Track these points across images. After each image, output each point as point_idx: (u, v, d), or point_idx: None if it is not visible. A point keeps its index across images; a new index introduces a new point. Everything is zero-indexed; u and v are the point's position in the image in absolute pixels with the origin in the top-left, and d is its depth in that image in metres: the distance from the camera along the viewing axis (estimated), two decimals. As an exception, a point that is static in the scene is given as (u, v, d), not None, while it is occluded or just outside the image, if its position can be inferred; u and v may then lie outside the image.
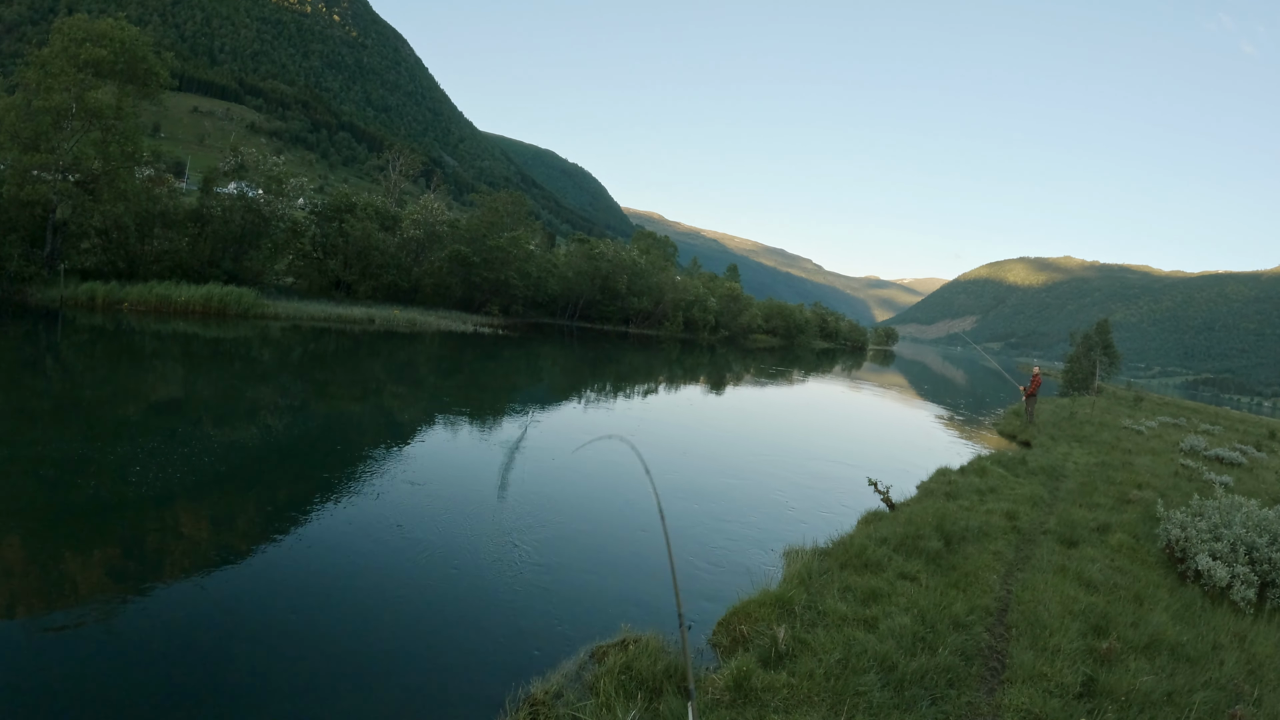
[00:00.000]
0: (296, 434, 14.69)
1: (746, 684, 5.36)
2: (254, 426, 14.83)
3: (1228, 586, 8.66)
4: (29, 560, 7.30)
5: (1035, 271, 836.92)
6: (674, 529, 10.59)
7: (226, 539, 8.44)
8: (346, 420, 17.13)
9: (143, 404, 16.26)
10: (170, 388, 18.16)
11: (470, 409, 20.15)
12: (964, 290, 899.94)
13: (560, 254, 79.66)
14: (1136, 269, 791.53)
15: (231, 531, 8.72)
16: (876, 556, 8.49)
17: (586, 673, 5.76)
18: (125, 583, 6.98)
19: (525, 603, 7.41)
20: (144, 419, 14.64)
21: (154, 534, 8.44)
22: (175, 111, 57.17)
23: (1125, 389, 77.89)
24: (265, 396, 18.32)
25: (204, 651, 5.89)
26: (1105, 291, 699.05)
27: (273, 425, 15.19)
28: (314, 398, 19.26)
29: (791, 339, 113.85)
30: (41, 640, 5.78)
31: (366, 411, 18.49)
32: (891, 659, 5.85)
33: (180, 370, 20.72)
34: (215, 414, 15.76)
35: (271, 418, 15.94)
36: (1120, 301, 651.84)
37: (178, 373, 20.24)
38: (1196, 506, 10.87)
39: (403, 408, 19.84)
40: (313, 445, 13.95)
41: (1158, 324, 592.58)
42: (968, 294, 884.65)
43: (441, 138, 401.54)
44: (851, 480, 15.44)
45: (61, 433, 12.59)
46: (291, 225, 46.00)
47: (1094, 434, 26.18)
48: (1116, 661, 6.30)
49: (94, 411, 14.85)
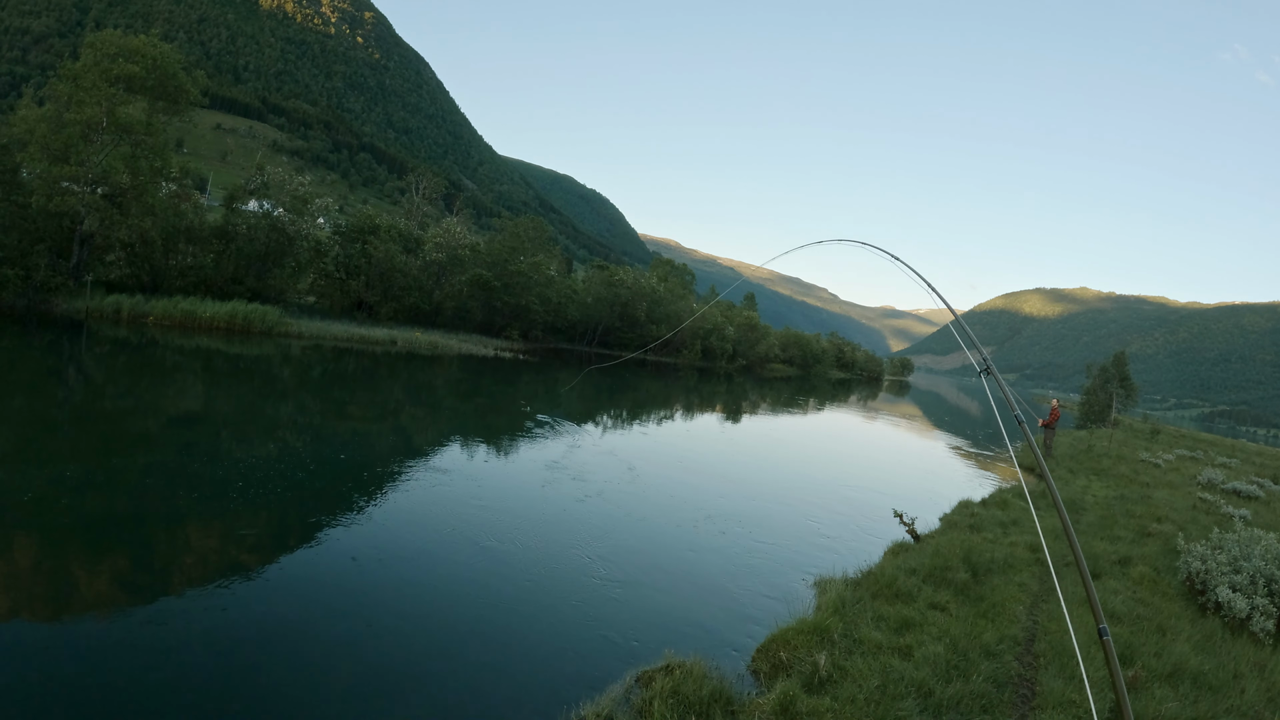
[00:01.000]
0: (339, 451, 15.00)
1: (792, 708, 5.61)
2: (298, 442, 15.16)
3: (1247, 618, 8.85)
4: (64, 568, 7.56)
5: (1050, 303, 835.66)
6: (709, 552, 10.86)
7: (264, 553, 8.68)
8: (389, 438, 17.45)
9: (186, 418, 16.58)
10: (221, 403, 18.52)
11: (508, 431, 20.45)
12: (979, 321, 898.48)
13: (579, 280, 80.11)
14: (1152, 300, 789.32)
15: (272, 547, 8.94)
16: (907, 587, 8.75)
17: (634, 696, 5.99)
18: (167, 591, 7.24)
19: (565, 624, 7.67)
20: (189, 432, 14.97)
21: (208, 545, 8.71)
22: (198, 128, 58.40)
23: (1142, 421, 77.59)
24: (308, 415, 18.69)
25: (244, 659, 6.15)
26: (1121, 323, 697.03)
27: (316, 443, 15.51)
28: (355, 417, 19.58)
29: (808, 369, 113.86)
30: (82, 645, 6.01)
31: (410, 430, 18.84)
32: (928, 685, 6.12)
33: (216, 387, 21.10)
34: (265, 429, 16.10)
35: (313, 436, 16.29)
36: (1136, 333, 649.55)
37: (216, 389, 20.63)
38: (1216, 539, 11.06)
39: (448, 428, 20.23)
40: (354, 461, 14.24)
41: (1174, 355, 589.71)
42: (983, 325, 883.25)
43: (461, 161, 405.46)
44: (875, 508, 15.75)
45: (88, 443, 12.99)
46: (315, 245, 46.59)
47: (1112, 467, 26.27)
48: (1142, 689, 6.53)
49: (123, 423, 15.24)
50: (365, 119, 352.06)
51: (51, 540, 8.18)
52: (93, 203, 33.64)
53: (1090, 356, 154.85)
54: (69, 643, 6.01)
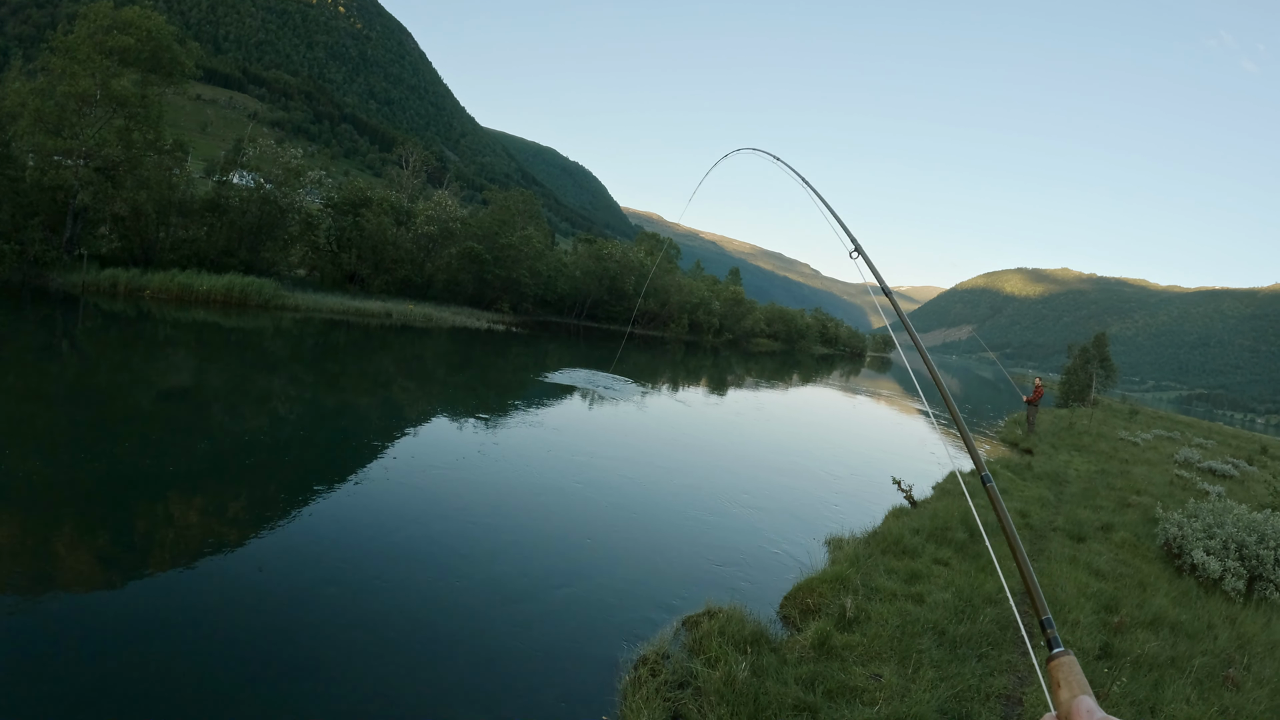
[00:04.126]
0: (386, 421, 15.55)
1: (828, 642, 6.45)
2: (319, 413, 15.72)
3: (1220, 578, 9.70)
4: (51, 543, 7.52)
5: (1031, 283, 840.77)
6: (719, 519, 11.63)
7: (285, 525, 8.96)
8: (421, 406, 18.07)
9: (196, 391, 16.94)
10: (238, 376, 18.93)
11: (517, 402, 21.05)
12: (961, 299, 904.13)
13: (566, 253, 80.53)
14: (1133, 283, 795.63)
15: (296, 516, 9.30)
16: (913, 544, 9.58)
17: (682, 637, 6.71)
18: (159, 566, 7.23)
19: (607, 583, 8.37)
20: (201, 406, 15.37)
21: (202, 518, 9.03)
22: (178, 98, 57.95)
23: (1121, 402, 79.07)
24: (323, 385, 19.24)
25: (248, 633, 6.21)
26: (1101, 304, 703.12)
27: (334, 413, 16.09)
28: (366, 386, 20.11)
29: (793, 344, 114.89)
30: (69, 620, 6.03)
31: (434, 398, 19.42)
32: (941, 625, 6.97)
33: (229, 360, 21.51)
34: (289, 402, 16.55)
35: (329, 407, 16.86)
36: (1116, 315, 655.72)
37: (229, 362, 21.04)
38: (1192, 509, 11.97)
39: (464, 396, 20.81)
40: (394, 430, 14.79)
41: (1153, 338, 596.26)
42: (964, 303, 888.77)
43: (444, 133, 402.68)
44: (870, 477, 16.72)
45: (84, 417, 13.09)
46: (306, 218, 46.84)
47: (1092, 444, 27.27)
48: (1127, 633, 7.38)
49: (120, 397, 15.37)
50: (347, 90, 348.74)
51: (40, 515, 8.14)
52: (86, 176, 33.65)
53: (1070, 337, 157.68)
54: (55, 617, 6.01)
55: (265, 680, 5.58)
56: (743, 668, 5.60)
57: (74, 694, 5.10)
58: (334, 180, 53.52)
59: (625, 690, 5.75)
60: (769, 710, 5.25)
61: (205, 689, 5.37)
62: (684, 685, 5.71)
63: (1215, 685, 6.49)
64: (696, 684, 5.66)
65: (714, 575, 8.99)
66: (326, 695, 5.51)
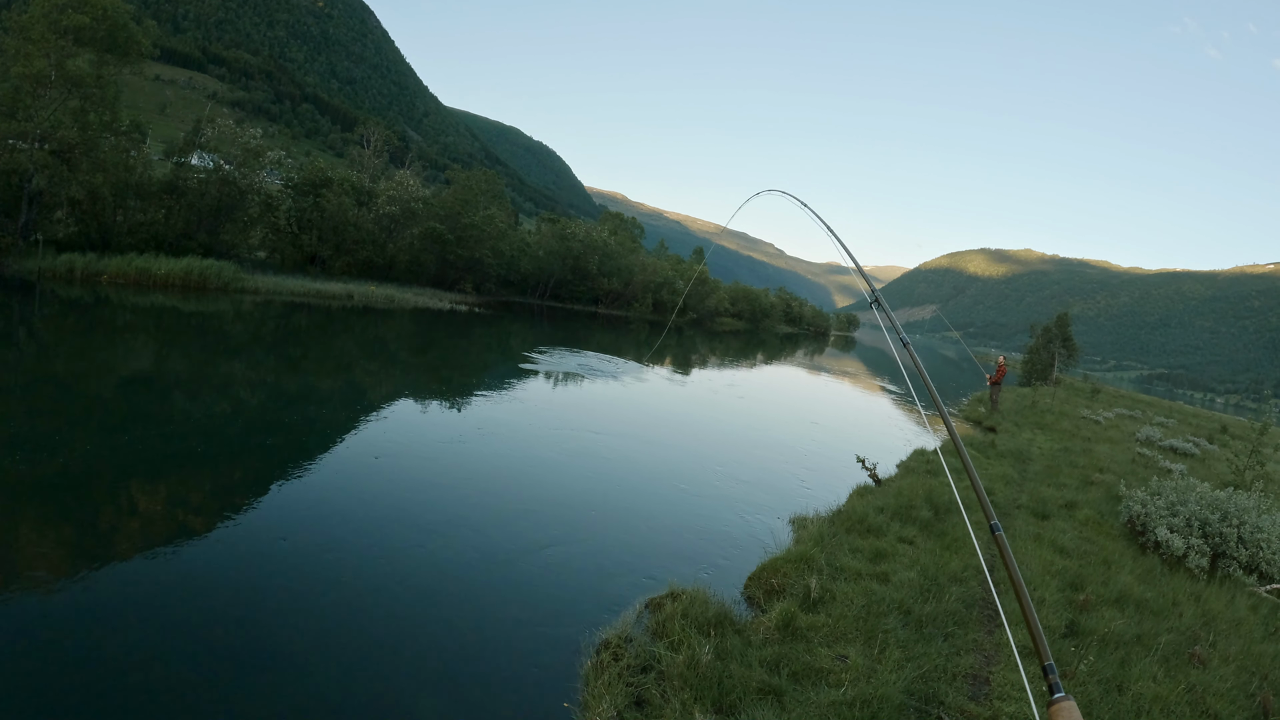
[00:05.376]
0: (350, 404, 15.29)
1: (793, 623, 6.35)
2: (281, 397, 15.44)
3: (1184, 556, 9.76)
4: (8, 533, 7.27)
5: (994, 263, 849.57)
6: (684, 498, 11.53)
7: (240, 513, 8.74)
8: (383, 388, 17.76)
9: (146, 378, 16.62)
10: (191, 361, 18.56)
11: (481, 384, 20.82)
12: (924, 279, 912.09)
13: (529, 232, 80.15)
14: (1095, 264, 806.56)
15: (253, 505, 9.13)
16: (877, 523, 9.54)
17: (645, 620, 6.60)
18: (120, 555, 7.07)
19: (569, 564, 8.24)
20: (152, 393, 15.10)
21: (162, 507, 8.83)
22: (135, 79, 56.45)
23: (1083, 381, 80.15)
24: (285, 369, 18.90)
25: (207, 624, 6.03)
26: (1064, 285, 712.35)
27: (296, 398, 15.80)
28: (328, 369, 19.78)
29: (757, 323, 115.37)
30: (27, 612, 5.86)
31: (396, 380, 19.10)
32: (907, 604, 6.89)
33: (183, 345, 21.10)
34: (251, 387, 16.26)
35: (291, 391, 16.56)
36: (1078, 295, 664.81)
37: (184, 347, 20.64)
38: (1155, 486, 12.06)
39: (426, 378, 20.53)
40: (359, 413, 14.56)
41: (1115, 319, 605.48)
42: (928, 283, 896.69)
43: (406, 112, 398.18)
44: (834, 456, 16.74)
45: (40, 405, 12.88)
46: (266, 199, 45.98)
47: (1055, 422, 27.54)
48: (1092, 610, 7.37)
49: (76, 385, 15.00)
50: (308, 69, 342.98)
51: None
52: (41, 160, 32.64)
53: (1033, 317, 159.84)
54: (15, 611, 5.86)
55: (226, 669, 5.45)
56: (706, 651, 5.49)
57: (38, 686, 4.97)
58: (294, 161, 52.73)
59: (587, 675, 5.64)
60: (734, 694, 5.15)
61: (166, 677, 5.25)
62: (647, 669, 5.59)
63: (1181, 662, 6.49)
64: (660, 668, 5.54)
65: (677, 555, 8.90)
66: (287, 682, 5.39)
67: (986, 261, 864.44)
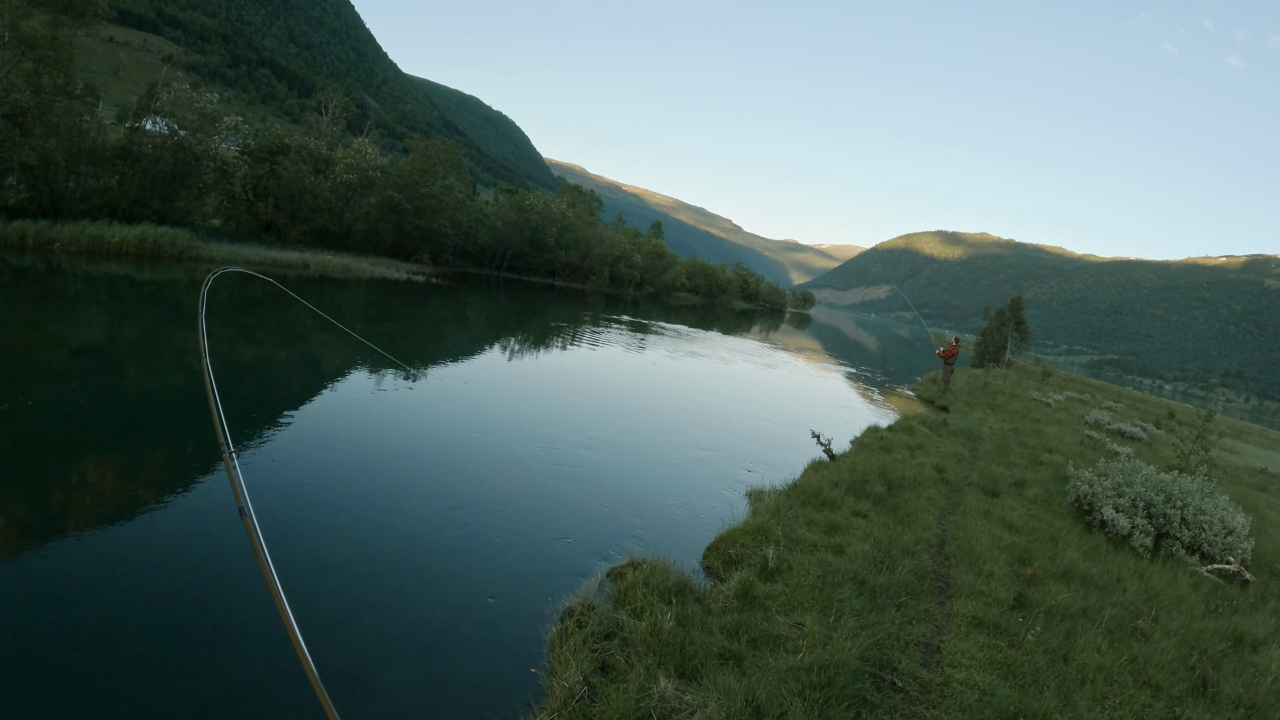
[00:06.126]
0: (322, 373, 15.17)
1: (751, 592, 6.55)
2: (236, 367, 15.27)
3: (1128, 535, 10.10)
4: None
5: (948, 245, 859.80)
6: (643, 468, 11.68)
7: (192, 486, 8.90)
8: (329, 359, 17.62)
9: (97, 348, 16.38)
10: (143, 330, 18.30)
11: (447, 350, 20.75)
12: (880, 259, 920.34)
13: (487, 203, 79.62)
14: (1050, 250, 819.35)
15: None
16: (832, 497, 9.77)
17: (607, 589, 6.74)
18: (97, 522, 7.12)
19: (530, 533, 8.35)
20: (103, 363, 14.90)
21: (114, 481, 8.85)
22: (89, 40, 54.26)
23: (1034, 364, 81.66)
24: (240, 338, 18.66)
25: (159, 599, 6.01)
26: (1018, 269, 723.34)
27: (250, 368, 15.64)
28: (283, 340, 19.60)
29: (713, 298, 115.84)
30: None
31: (352, 349, 18.95)
32: (861, 575, 7.12)
33: (133, 314, 20.78)
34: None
35: (245, 361, 16.37)
36: (1032, 280, 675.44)
37: (134, 317, 20.32)
38: (1102, 467, 12.44)
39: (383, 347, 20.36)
40: (316, 385, 14.47)
41: (1068, 304, 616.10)
42: (884, 263, 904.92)
43: (365, 79, 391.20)
44: (788, 432, 17.00)
45: (10, 376, 12.67)
46: (221, 165, 45.15)
47: (1006, 403, 28.12)
48: (1040, 584, 7.64)
49: (25, 356, 14.80)
50: (265, 33, 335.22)
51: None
52: (-7, 124, 31.68)
53: (987, 300, 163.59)
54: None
55: (186, 643, 5.44)
56: (668, 618, 5.64)
57: None
58: (251, 127, 51.51)
59: (553, 641, 5.76)
60: (695, 659, 5.30)
61: (125, 651, 5.22)
62: (610, 636, 5.73)
63: (1124, 635, 6.76)
64: (623, 634, 5.68)
65: (637, 525, 9.05)
66: (249, 655, 5.39)
67: (940, 244, 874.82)
